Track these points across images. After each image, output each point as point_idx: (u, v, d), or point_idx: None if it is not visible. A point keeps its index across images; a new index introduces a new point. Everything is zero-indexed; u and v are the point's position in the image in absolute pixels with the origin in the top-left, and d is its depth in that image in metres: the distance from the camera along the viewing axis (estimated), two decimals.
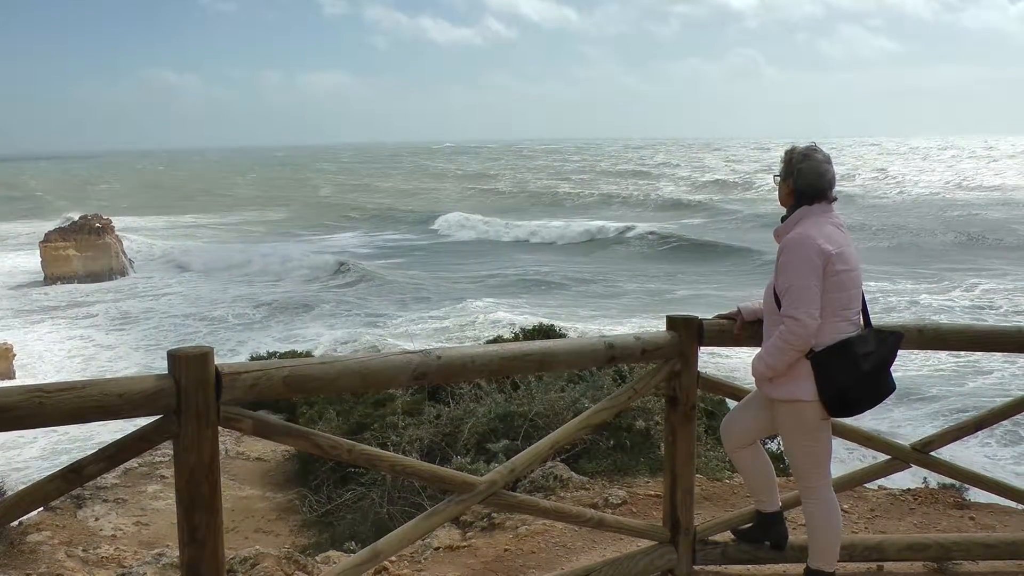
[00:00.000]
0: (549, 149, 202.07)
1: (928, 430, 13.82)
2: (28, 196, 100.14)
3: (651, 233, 54.06)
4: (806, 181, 3.48)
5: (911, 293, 34.51)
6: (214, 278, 47.43)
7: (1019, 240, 48.30)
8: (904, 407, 18.75)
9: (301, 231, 66.60)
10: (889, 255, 43.79)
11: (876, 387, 3.46)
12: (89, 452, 2.63)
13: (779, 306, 3.45)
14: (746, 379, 4.07)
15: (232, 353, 29.64)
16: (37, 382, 2.57)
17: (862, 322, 3.56)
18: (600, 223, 59.16)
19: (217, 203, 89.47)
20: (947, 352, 19.04)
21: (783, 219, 3.56)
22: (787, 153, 3.58)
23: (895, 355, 3.52)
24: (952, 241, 49.35)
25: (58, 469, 2.60)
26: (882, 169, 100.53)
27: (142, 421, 2.67)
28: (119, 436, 2.66)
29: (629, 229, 55.77)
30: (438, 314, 34.54)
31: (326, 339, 30.73)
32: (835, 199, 3.53)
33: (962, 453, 14.79)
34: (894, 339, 3.54)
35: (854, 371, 3.38)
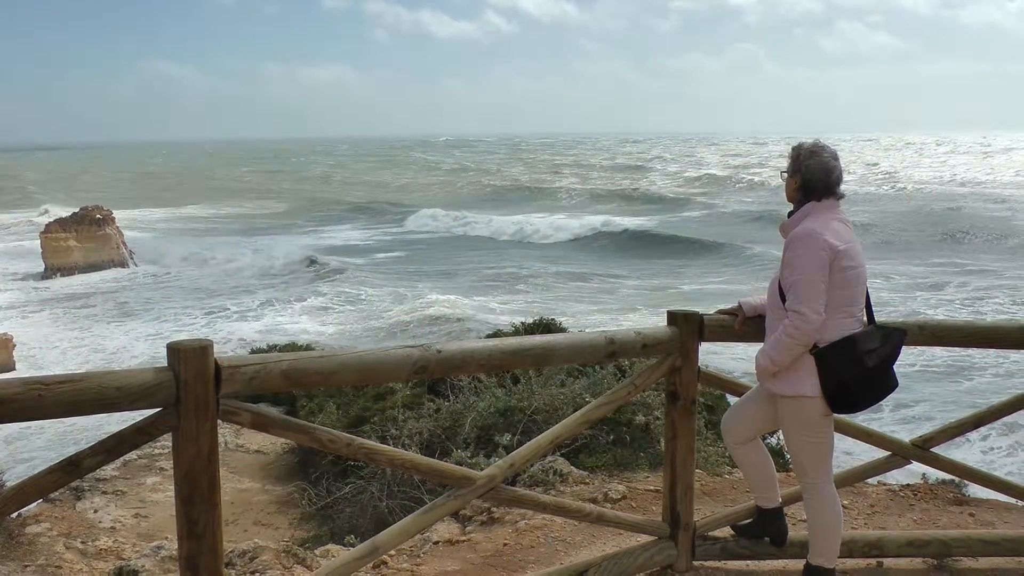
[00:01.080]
0: (546, 143, 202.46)
1: (922, 428, 13.88)
2: (19, 188, 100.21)
3: (639, 228, 54.21)
4: (813, 177, 3.46)
5: (897, 289, 34.53)
6: (197, 271, 47.69)
7: (1001, 233, 48.51)
8: (895, 402, 18.84)
9: (285, 226, 66.53)
10: (873, 251, 43.91)
11: (879, 384, 3.45)
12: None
13: (783, 301, 3.43)
14: (744, 375, 4.07)
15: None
16: (39, 373, 2.56)
17: (865, 318, 3.55)
18: (587, 219, 59.39)
19: (210, 196, 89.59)
20: (942, 348, 19.17)
21: (789, 214, 3.54)
22: (794, 150, 3.56)
23: (899, 352, 3.51)
24: (934, 236, 49.55)
25: (57, 461, 2.59)
26: (874, 164, 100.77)
27: (142, 414, 2.67)
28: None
29: (616, 224, 55.89)
30: (405, 309, 34.64)
31: (314, 334, 30.89)
32: (842, 196, 3.52)
33: (960, 450, 14.84)
34: (898, 336, 3.53)
35: (858, 367, 3.37)
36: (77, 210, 52.79)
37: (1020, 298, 32.35)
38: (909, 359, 20.29)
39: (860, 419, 3.95)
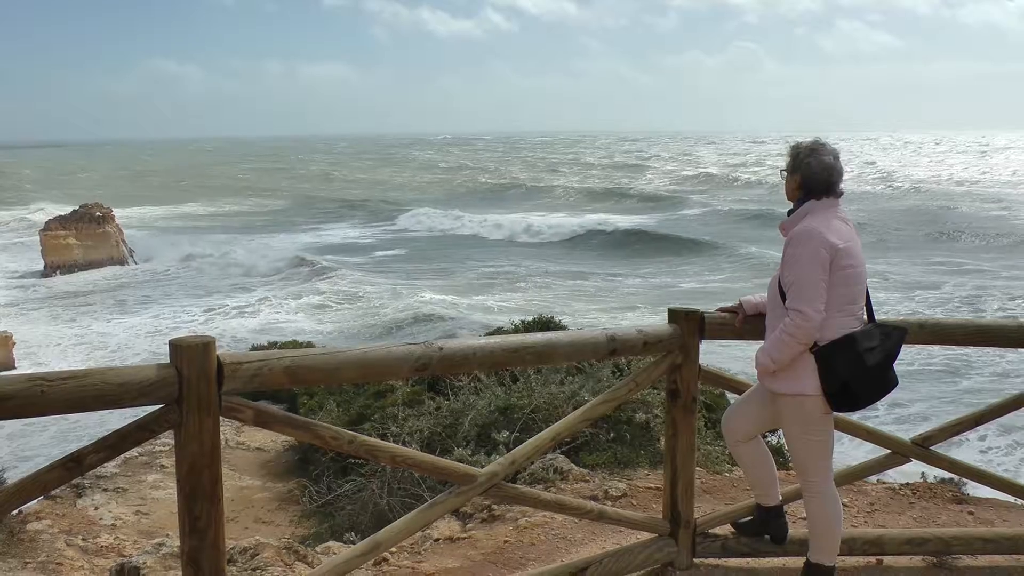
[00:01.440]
0: (545, 141, 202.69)
1: (918, 427, 13.92)
2: (16, 185, 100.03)
3: (637, 227, 54.26)
4: (814, 175, 3.46)
5: (894, 288, 34.55)
6: (195, 268, 47.78)
7: (998, 232, 48.66)
8: (891, 401, 18.86)
9: (284, 223, 66.32)
10: (869, 250, 43.91)
11: (879, 382, 3.45)
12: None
13: (783, 299, 3.44)
14: (741, 373, 4.08)
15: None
16: (39, 370, 2.57)
17: (866, 317, 3.55)
18: (585, 217, 59.41)
19: (209, 194, 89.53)
20: (940, 347, 19.25)
21: (789, 213, 3.54)
22: (793, 148, 3.56)
23: (899, 350, 3.51)
24: (931, 235, 49.70)
25: (58, 458, 2.59)
26: (872, 162, 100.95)
27: (144, 410, 2.67)
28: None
29: (614, 223, 55.90)
30: (400, 307, 34.64)
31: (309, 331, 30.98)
32: (842, 194, 3.52)
33: (958, 449, 14.88)
34: (898, 334, 3.53)
35: (858, 366, 3.37)
36: (77, 208, 52.75)
37: (1018, 296, 32.41)
38: (908, 358, 20.40)
39: (855, 417, 3.96)
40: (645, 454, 5.88)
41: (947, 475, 5.02)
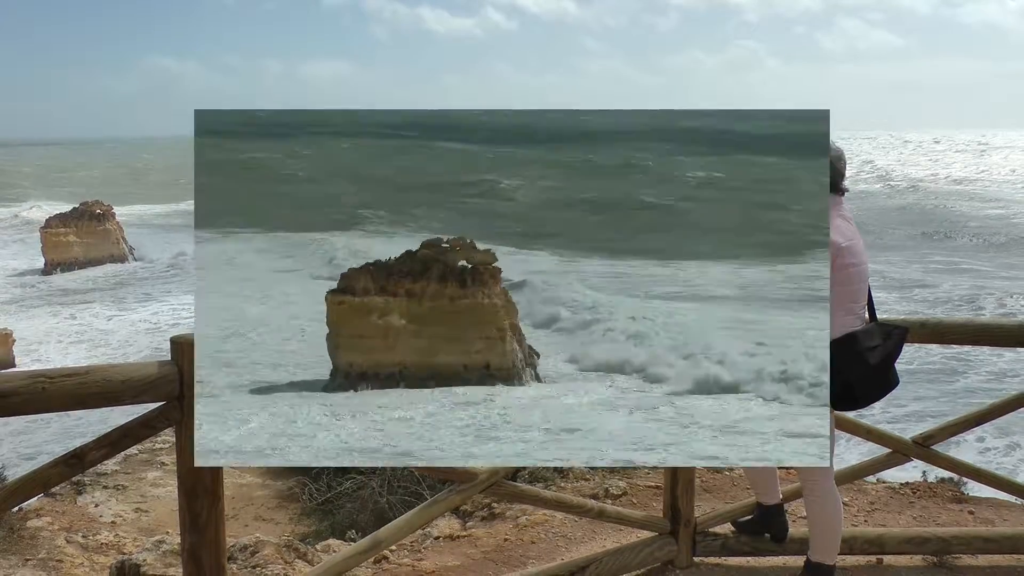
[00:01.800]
0: None
1: (914, 428, 13.87)
2: (14, 183, 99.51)
3: None
4: None
5: (891, 287, 34.39)
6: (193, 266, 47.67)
7: (995, 231, 48.52)
8: (886, 401, 18.68)
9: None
10: (867, 249, 43.68)
11: (881, 381, 3.44)
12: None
13: None
14: None
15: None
16: (40, 367, 2.57)
17: (867, 316, 3.54)
18: None
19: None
20: (938, 346, 19.18)
21: None
22: None
23: (900, 350, 3.50)
24: (928, 233, 49.58)
25: (60, 455, 2.59)
26: (870, 161, 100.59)
27: (144, 407, 2.67)
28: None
29: None
30: None
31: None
32: (846, 191, 3.51)
33: (956, 449, 14.85)
34: (899, 334, 3.51)
35: (860, 365, 3.35)
36: (77, 205, 52.58)
37: (1016, 293, 32.32)
38: (907, 357, 20.21)
39: (854, 416, 3.95)
40: None
41: (947, 475, 5.01)
